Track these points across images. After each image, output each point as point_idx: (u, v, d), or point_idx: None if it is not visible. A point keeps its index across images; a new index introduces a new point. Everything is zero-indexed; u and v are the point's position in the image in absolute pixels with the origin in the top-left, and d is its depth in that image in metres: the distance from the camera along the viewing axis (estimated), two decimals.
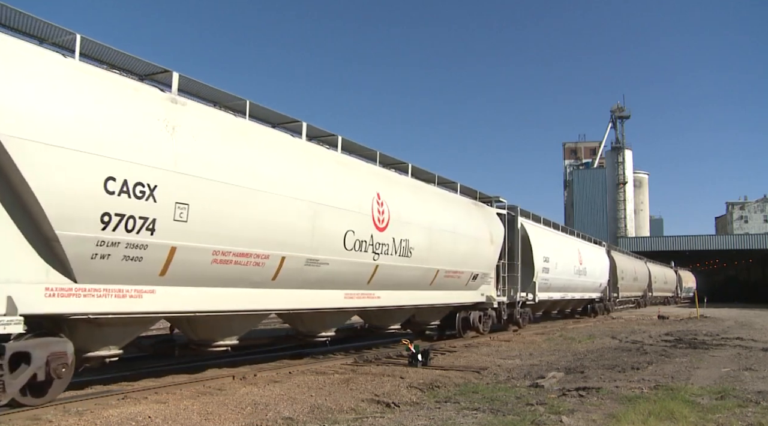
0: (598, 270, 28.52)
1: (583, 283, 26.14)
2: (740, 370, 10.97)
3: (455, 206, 15.05)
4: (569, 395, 8.17)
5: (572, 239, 26.50)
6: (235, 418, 6.61)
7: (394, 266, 11.65)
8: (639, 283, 41.11)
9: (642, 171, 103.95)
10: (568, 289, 24.26)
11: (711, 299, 48.98)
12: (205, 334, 9.05)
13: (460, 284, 14.82)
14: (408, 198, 12.57)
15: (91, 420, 6.22)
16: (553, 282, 21.73)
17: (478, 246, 15.23)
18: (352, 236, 10.28)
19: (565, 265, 23.20)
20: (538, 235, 20.64)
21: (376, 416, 6.82)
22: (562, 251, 23.25)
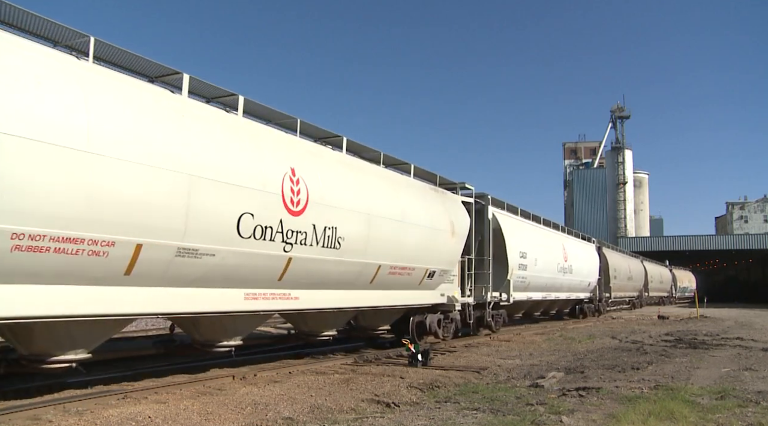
0: (586, 268, 26.66)
1: (569, 282, 24.19)
2: (740, 370, 10.97)
3: (406, 191, 12.75)
4: (569, 395, 8.17)
5: (556, 234, 24.25)
6: (235, 418, 6.61)
7: (315, 260, 9.58)
8: (634, 282, 39.03)
9: (642, 171, 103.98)
10: (551, 288, 22.32)
11: (711, 299, 48.96)
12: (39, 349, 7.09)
13: (411, 283, 12.78)
14: (337, 177, 10.36)
15: (91, 420, 6.23)
16: (533, 280, 19.70)
17: (435, 238, 13.13)
18: (250, 221, 8.13)
19: (547, 262, 21.25)
20: (514, 227, 18.52)
21: (376, 416, 6.82)
22: (544, 246, 21.24)
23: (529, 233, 20.13)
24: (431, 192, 14.07)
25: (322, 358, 12.13)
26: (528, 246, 19.21)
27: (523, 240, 19.03)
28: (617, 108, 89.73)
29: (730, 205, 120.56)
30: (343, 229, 10.04)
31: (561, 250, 23.14)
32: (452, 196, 15.22)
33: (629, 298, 39.51)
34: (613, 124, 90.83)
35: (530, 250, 19.28)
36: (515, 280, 17.98)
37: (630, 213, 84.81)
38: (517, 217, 19.83)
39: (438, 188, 14.63)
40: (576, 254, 25.07)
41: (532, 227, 21.19)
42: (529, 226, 20.79)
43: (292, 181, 9.00)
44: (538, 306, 23.32)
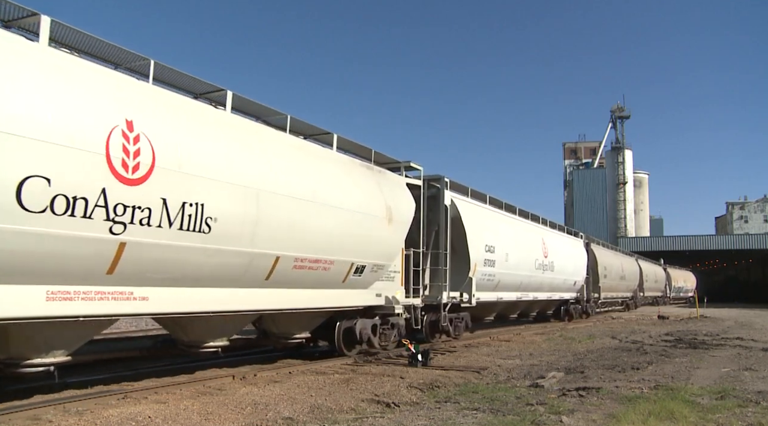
0: (571, 265, 24.27)
1: (550, 281, 21.73)
2: (740, 370, 10.97)
3: (322, 164, 10.31)
4: (569, 395, 8.17)
5: (534, 227, 21.58)
6: (235, 418, 6.61)
7: (169, 247, 7.21)
8: (627, 282, 36.37)
9: (642, 171, 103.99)
10: (528, 287, 19.82)
11: (711, 299, 48.95)
12: None
13: (331, 280, 10.44)
14: (209, 140, 7.92)
15: (91, 420, 6.23)
16: (504, 278, 17.34)
17: (365, 225, 10.85)
18: (43, 187, 5.82)
19: (522, 258, 18.75)
20: (478, 216, 16.17)
21: (376, 416, 6.82)
22: (518, 240, 18.82)
23: (498, 224, 17.71)
24: (361, 169, 11.60)
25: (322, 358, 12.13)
26: (497, 239, 16.79)
27: (491, 232, 16.69)
28: (617, 108, 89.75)
29: (730, 205, 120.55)
30: (214, 208, 7.63)
31: (540, 245, 20.75)
32: (392, 176, 12.84)
33: (622, 299, 37.08)
34: (613, 124, 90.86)
35: (500, 243, 16.89)
36: (480, 278, 15.66)
37: (630, 213, 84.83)
38: (484, 206, 17.45)
39: (373, 166, 12.20)
40: (559, 250, 22.68)
41: (504, 218, 18.63)
42: (499, 216, 18.29)
43: (126, 137, 6.62)
44: (514, 307, 20.71)
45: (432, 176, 14.44)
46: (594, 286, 28.79)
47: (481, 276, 15.70)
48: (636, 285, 39.38)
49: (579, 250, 26.49)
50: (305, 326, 11.09)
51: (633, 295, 39.31)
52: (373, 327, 12.08)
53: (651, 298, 46.94)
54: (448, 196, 14.70)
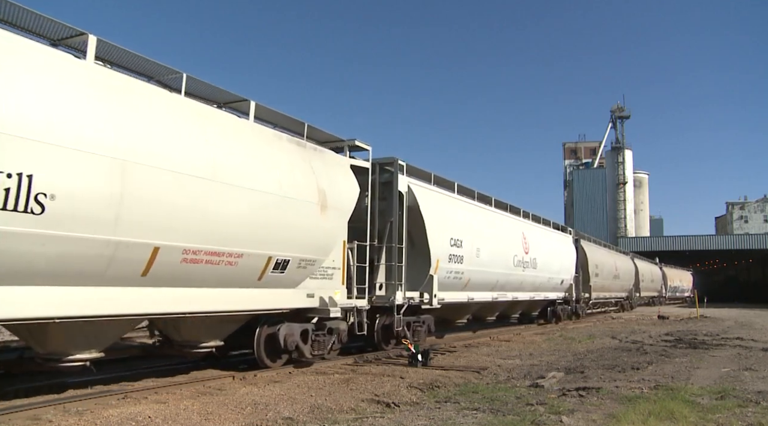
0: (557, 263, 22.35)
1: (532, 280, 19.77)
2: (740, 370, 10.97)
3: (231, 136, 8.45)
4: (569, 395, 8.17)
5: (513, 219, 19.35)
6: (235, 418, 6.61)
7: None
8: (622, 281, 34.31)
9: (642, 171, 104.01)
10: (505, 286, 17.75)
11: (711, 299, 48.94)
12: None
13: (242, 277, 8.62)
14: (46, 92, 6.15)
15: (91, 420, 6.23)
16: (475, 276, 15.44)
17: (290, 212, 9.15)
18: None
19: (498, 254, 16.85)
20: (441, 206, 14.36)
21: (376, 416, 6.82)
22: (492, 234, 16.86)
23: (468, 215, 15.73)
24: (287, 145, 9.77)
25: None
26: (465, 232, 14.91)
27: (458, 224, 14.75)
28: (617, 108, 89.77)
29: (730, 205, 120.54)
30: (49, 181, 5.95)
31: (520, 240, 18.79)
32: (332, 156, 11.03)
33: (616, 299, 34.95)
34: (613, 124, 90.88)
35: (469, 237, 15.03)
36: (444, 276, 13.90)
37: (630, 213, 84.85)
38: (450, 194, 15.49)
39: (306, 143, 10.37)
40: (542, 246, 20.86)
41: (475, 209, 16.62)
42: (469, 206, 16.27)
43: None
44: (492, 309, 18.67)
45: (384, 159, 12.65)
46: (584, 286, 26.96)
47: (445, 274, 13.91)
48: (631, 285, 37.64)
49: (567, 246, 24.64)
50: (216, 333, 9.08)
51: (628, 296, 37.57)
52: (304, 333, 10.18)
53: (647, 298, 45.89)
54: (403, 182, 12.90)
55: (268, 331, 9.77)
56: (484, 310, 18.12)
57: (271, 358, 9.98)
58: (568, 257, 24.06)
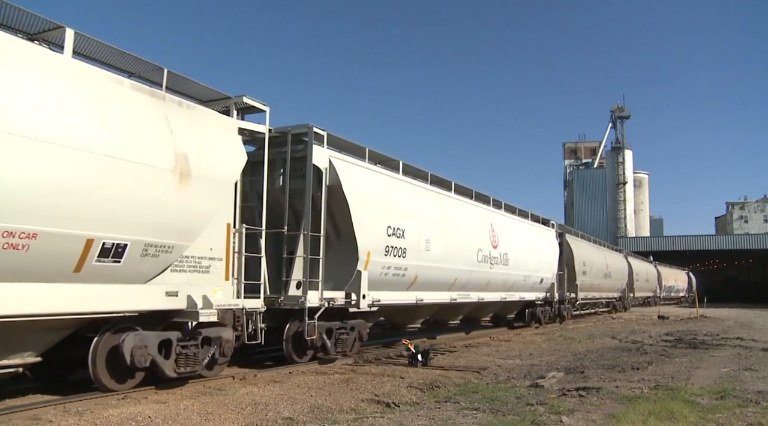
0: (534, 259, 19.94)
1: (503, 278, 17.45)
2: (740, 370, 10.97)
3: (25, 71, 6.24)
4: (569, 395, 8.17)
5: (478, 208, 16.70)
6: (235, 418, 6.62)
7: None
8: (613, 280, 31.78)
9: (642, 171, 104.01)
10: (467, 286, 15.38)
11: (711, 299, 48.91)
12: None
13: (47, 267, 6.42)
14: None
15: (91, 420, 6.23)
16: (424, 273, 13.04)
17: (127, 180, 7.01)
18: None
19: (456, 247, 14.40)
20: (374, 186, 11.80)
21: (376, 416, 6.82)
22: (450, 224, 14.31)
23: (413, 201, 13.12)
24: (130, 93, 7.52)
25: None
26: (409, 220, 12.46)
27: (398, 209, 12.27)
28: (617, 108, 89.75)
29: (730, 205, 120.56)
30: None
31: (487, 232, 16.32)
32: (204, 113, 8.79)
33: (607, 300, 32.46)
34: (613, 124, 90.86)
35: (414, 226, 12.56)
36: (379, 272, 11.51)
37: (630, 213, 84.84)
38: (391, 174, 12.76)
39: (164, 94, 8.12)
40: (516, 239, 18.37)
41: (425, 192, 13.94)
42: (416, 189, 13.56)
43: None
44: (454, 311, 16.11)
45: (297, 126, 10.53)
46: (570, 285, 24.51)
47: (381, 270, 11.53)
48: (624, 284, 35.15)
49: (548, 241, 21.98)
50: (21, 346, 6.73)
51: (621, 296, 35.01)
52: (165, 344, 7.85)
53: (642, 299, 43.97)
54: (321, 155, 10.62)
55: (111, 343, 7.37)
56: (444, 312, 15.77)
57: (119, 377, 7.57)
58: (549, 253, 21.49)
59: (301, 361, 10.61)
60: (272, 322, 9.97)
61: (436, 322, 16.20)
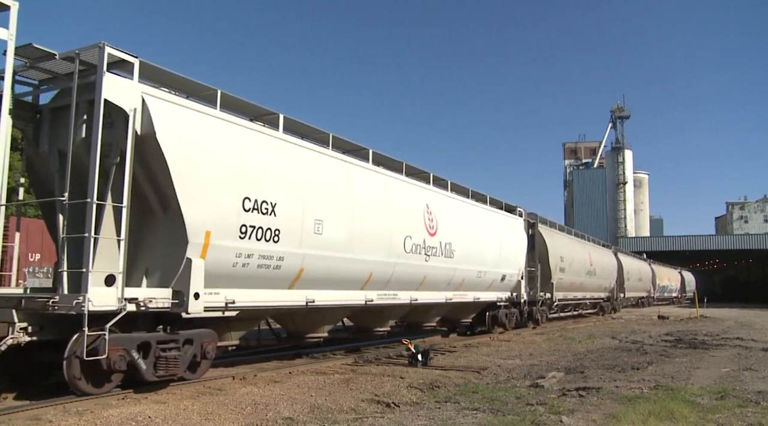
0: (493, 252, 16.63)
1: (447, 273, 14.19)
2: (740, 370, 10.97)
3: None
4: (569, 395, 8.17)
5: (405, 184, 13.13)
6: (235, 418, 6.61)
7: None
8: (599, 279, 28.42)
9: (642, 171, 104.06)
10: (390, 283, 12.03)
11: (711, 299, 48.91)
12: None
13: None
14: None
15: (91, 420, 6.23)
16: (316, 265, 9.91)
17: None
18: None
19: (367, 231, 11.12)
20: (218, 137, 8.52)
21: (376, 416, 6.82)
22: (357, 201, 11.00)
23: (296, 165, 9.79)
24: None
25: (322, 358, 12.13)
26: (285, 191, 9.31)
27: (264, 175, 9.03)
28: (617, 108, 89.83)
29: (730, 205, 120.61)
30: None
31: (420, 216, 13.05)
32: None
33: (593, 301, 29.21)
34: (613, 124, 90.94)
35: (294, 200, 9.45)
36: (231, 261, 8.44)
37: (630, 213, 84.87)
38: (251, 126, 9.39)
39: None
40: (463, 226, 15.15)
41: (318, 158, 10.50)
42: (303, 153, 10.17)
43: None
44: (378, 316, 12.85)
45: (85, 47, 7.46)
46: (545, 284, 21.24)
47: (234, 258, 8.41)
48: (613, 283, 31.71)
49: (513, 231, 18.66)
50: None
51: (610, 296, 31.65)
52: None
53: (635, 299, 40.96)
54: (124, 90, 7.50)
55: None
56: (366, 317, 12.78)
57: None
58: (513, 245, 18.23)
59: (99, 393, 7.33)
60: (55, 333, 7.17)
61: (360, 328, 13.27)
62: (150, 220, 7.99)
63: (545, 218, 23.27)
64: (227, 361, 10.84)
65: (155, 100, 7.80)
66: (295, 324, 11.16)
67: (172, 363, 7.87)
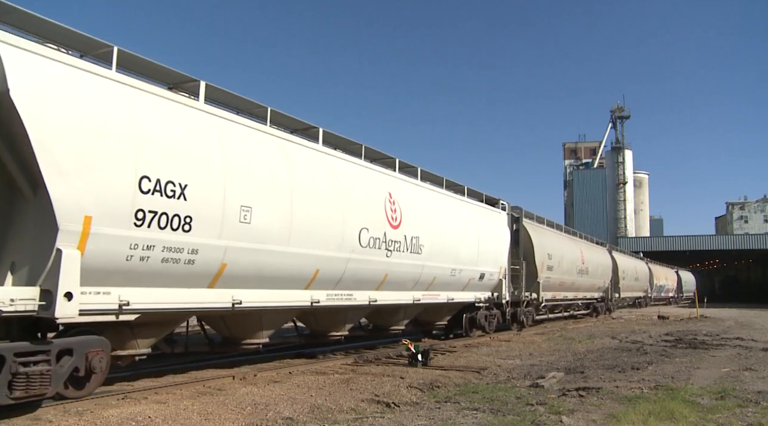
0: (469, 248, 14.85)
1: (414, 270, 12.44)
2: (740, 370, 10.97)
3: None
4: (569, 395, 8.18)
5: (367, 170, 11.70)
6: (235, 418, 6.61)
7: None
8: (592, 278, 26.79)
9: (642, 171, 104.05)
10: (343, 281, 10.51)
11: (711, 299, 48.93)
12: None
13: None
14: None
15: (91, 420, 6.23)
16: (239, 259, 8.26)
17: None
18: None
19: (312, 221, 9.58)
20: (105, 100, 6.82)
21: (376, 416, 6.82)
22: (302, 184, 9.46)
23: (212, 139, 8.09)
24: None
25: (322, 358, 12.13)
26: (200, 169, 7.72)
27: (167, 149, 7.37)
28: (617, 108, 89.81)
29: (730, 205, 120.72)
30: None
31: (381, 205, 11.39)
32: None
33: (585, 301, 27.56)
34: (613, 124, 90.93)
35: (212, 181, 7.85)
36: (125, 253, 6.89)
37: (630, 213, 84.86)
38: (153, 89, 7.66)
39: None
40: (433, 219, 13.27)
41: (247, 133, 8.87)
42: (220, 124, 8.38)
43: None
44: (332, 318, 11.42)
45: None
46: (531, 284, 19.66)
47: (128, 250, 6.88)
48: (607, 283, 30.14)
49: (495, 226, 16.98)
50: None
51: (604, 297, 30.11)
52: None
53: (631, 300, 39.46)
54: None
55: None
56: (318, 320, 11.44)
57: None
58: (494, 241, 16.49)
59: None
60: None
61: (314, 333, 11.72)
62: (19, 202, 6.45)
63: (531, 213, 21.55)
64: (227, 361, 10.85)
65: (12, 50, 6.13)
66: (229, 328, 9.70)
67: (37, 381, 6.18)
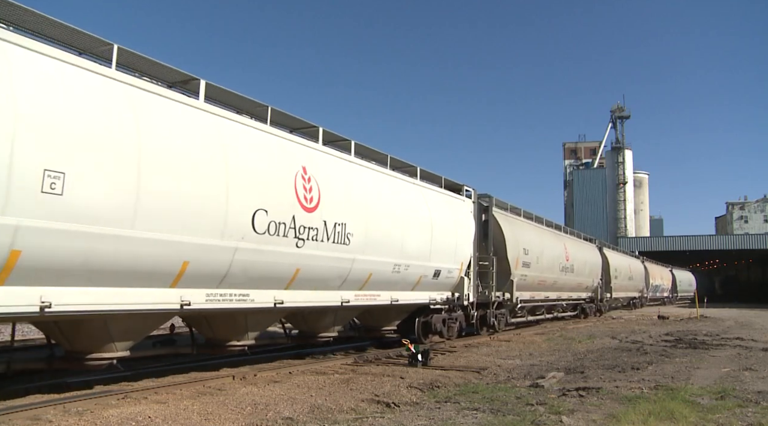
0: (419, 240, 12.41)
1: (341, 265, 10.17)
2: (740, 370, 10.97)
3: None
4: (569, 395, 8.17)
5: (271, 136, 9.17)
6: (235, 418, 6.61)
7: None
8: (579, 277, 24.54)
9: (642, 171, 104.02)
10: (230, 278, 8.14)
11: (711, 299, 48.90)
12: None
13: None
14: None
15: (91, 420, 6.23)
16: (44, 246, 5.83)
17: None
18: None
19: (178, 198, 7.19)
20: None
21: (376, 416, 6.82)
22: (160, 147, 7.02)
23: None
24: None
25: (322, 358, 12.13)
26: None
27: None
28: (617, 108, 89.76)
29: (730, 205, 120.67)
30: None
31: (290, 182, 9.03)
32: None
33: (572, 302, 25.27)
34: (613, 124, 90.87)
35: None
36: None
37: (630, 213, 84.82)
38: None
39: None
40: (369, 203, 10.96)
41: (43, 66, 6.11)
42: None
43: None
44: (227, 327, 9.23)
45: None
46: (502, 282, 17.18)
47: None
48: (596, 282, 27.60)
49: (455, 215, 14.49)
50: None
51: (593, 297, 27.58)
52: None
53: (625, 300, 36.53)
54: None
55: None
56: (213, 326, 9.22)
57: None
58: (453, 233, 14.04)
59: None
60: None
61: (210, 342, 9.38)
62: None
63: (505, 202, 18.95)
64: (227, 361, 10.85)
65: None
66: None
67: None
